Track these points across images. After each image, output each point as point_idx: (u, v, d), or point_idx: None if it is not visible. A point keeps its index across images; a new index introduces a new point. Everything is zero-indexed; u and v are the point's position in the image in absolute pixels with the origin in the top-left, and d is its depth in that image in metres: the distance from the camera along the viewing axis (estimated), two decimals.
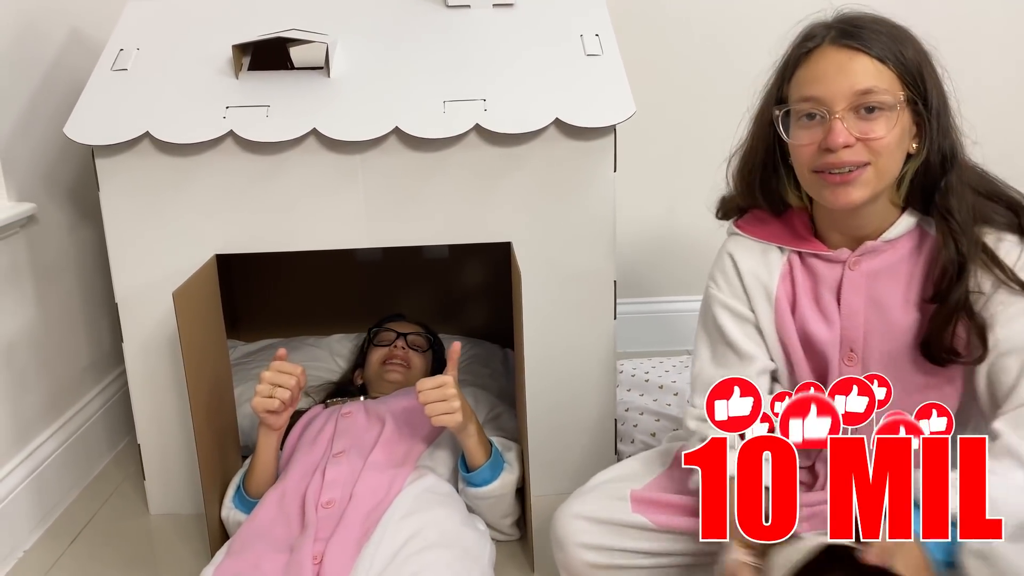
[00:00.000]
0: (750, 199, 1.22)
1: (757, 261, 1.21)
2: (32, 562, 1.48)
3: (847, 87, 1.04)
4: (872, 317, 1.14)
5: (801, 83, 1.08)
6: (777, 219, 1.21)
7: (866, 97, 1.04)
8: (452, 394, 1.31)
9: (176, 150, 1.44)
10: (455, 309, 2.11)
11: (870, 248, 1.13)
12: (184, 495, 1.61)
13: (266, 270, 2.06)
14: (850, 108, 1.05)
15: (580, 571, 1.20)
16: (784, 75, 1.12)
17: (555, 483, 1.56)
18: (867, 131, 1.04)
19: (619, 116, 1.43)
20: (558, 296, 1.52)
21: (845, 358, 1.15)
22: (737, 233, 1.24)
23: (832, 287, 1.16)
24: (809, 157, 1.08)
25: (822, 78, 1.05)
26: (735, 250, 1.23)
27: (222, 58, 1.53)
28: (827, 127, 1.05)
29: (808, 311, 1.17)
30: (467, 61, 1.53)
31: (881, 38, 1.05)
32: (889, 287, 1.13)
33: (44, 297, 1.63)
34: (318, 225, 1.49)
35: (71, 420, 1.71)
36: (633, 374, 1.96)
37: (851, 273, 1.14)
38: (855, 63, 1.04)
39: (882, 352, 1.14)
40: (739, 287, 1.21)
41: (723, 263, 1.24)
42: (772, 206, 1.20)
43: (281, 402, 1.34)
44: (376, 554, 1.19)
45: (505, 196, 1.48)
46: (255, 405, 1.35)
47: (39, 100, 1.64)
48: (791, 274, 1.19)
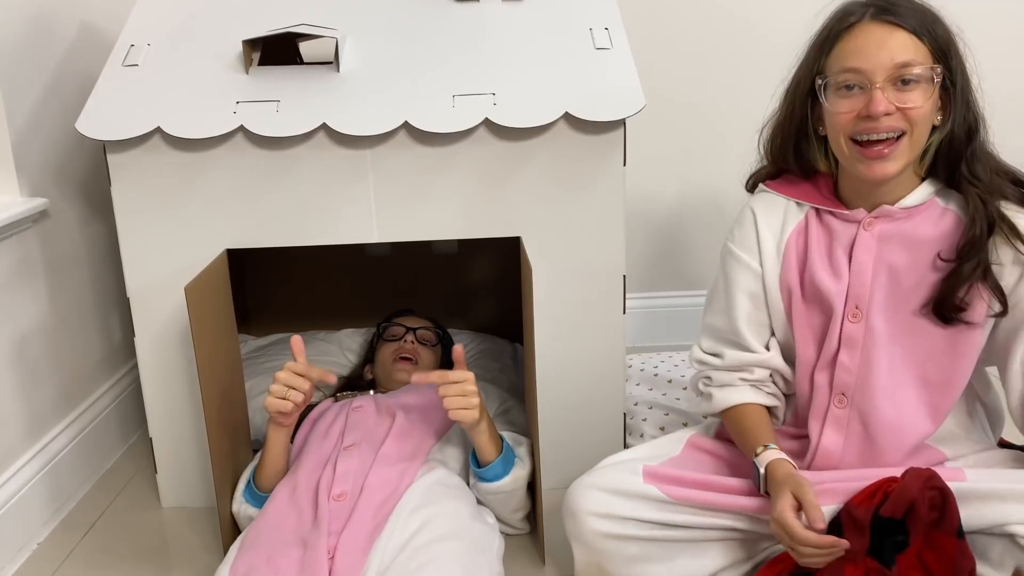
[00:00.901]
0: (783, 164, 1.29)
1: (775, 215, 1.28)
2: (46, 554, 1.50)
3: (887, 59, 1.11)
4: (881, 277, 1.19)
5: (843, 55, 1.15)
6: (803, 180, 1.28)
7: (905, 69, 1.11)
8: (472, 390, 1.32)
9: (187, 145, 1.44)
10: (464, 304, 2.12)
11: (886, 212, 1.19)
12: (196, 488, 1.62)
13: (276, 265, 2.06)
14: (889, 79, 1.11)
15: (591, 541, 1.22)
16: (824, 49, 1.17)
17: (565, 477, 1.56)
18: (905, 101, 1.11)
19: (629, 110, 1.43)
20: (568, 291, 1.52)
21: (850, 314, 1.20)
22: (764, 190, 1.31)
23: (846, 245, 1.22)
24: (848, 124, 1.15)
25: (864, 51, 1.12)
26: (756, 204, 1.30)
27: (232, 53, 1.54)
28: (868, 96, 1.12)
29: (818, 264, 1.23)
30: (476, 55, 1.53)
31: (916, 14, 1.13)
32: (901, 251, 1.19)
33: (56, 291, 1.64)
34: (328, 220, 1.50)
35: (84, 414, 1.72)
36: (642, 369, 1.96)
37: (864, 233, 1.20)
38: (894, 37, 1.11)
39: (886, 314, 1.19)
40: (753, 238, 1.28)
41: (743, 216, 1.31)
42: (802, 169, 1.27)
43: (295, 404, 1.34)
44: (387, 547, 1.20)
45: (515, 190, 1.48)
46: (268, 405, 1.35)
47: (51, 95, 1.65)
48: (807, 229, 1.26)
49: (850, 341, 1.20)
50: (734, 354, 1.29)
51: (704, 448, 1.32)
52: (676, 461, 1.28)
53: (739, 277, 1.29)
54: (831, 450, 1.22)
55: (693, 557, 1.20)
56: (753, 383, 1.29)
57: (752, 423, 1.25)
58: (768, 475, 1.16)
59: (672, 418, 1.73)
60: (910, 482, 1.09)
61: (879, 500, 1.10)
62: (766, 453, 1.18)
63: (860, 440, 1.21)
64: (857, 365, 1.20)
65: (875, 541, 1.09)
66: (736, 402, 1.28)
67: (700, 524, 1.19)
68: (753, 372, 1.28)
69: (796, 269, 1.25)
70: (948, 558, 1.07)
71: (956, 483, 1.11)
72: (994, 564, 1.10)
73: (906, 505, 1.08)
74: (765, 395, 1.29)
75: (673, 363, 1.97)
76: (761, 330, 1.29)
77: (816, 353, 1.23)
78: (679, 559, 1.20)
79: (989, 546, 1.11)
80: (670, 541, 1.20)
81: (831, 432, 1.22)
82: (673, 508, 1.19)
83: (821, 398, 1.22)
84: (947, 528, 1.08)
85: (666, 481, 1.22)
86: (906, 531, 1.09)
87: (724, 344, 1.31)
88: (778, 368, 1.28)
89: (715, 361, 1.31)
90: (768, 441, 1.21)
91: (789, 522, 1.07)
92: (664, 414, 1.75)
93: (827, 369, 1.22)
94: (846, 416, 1.21)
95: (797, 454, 1.26)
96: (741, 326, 1.28)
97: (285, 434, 1.40)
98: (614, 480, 1.23)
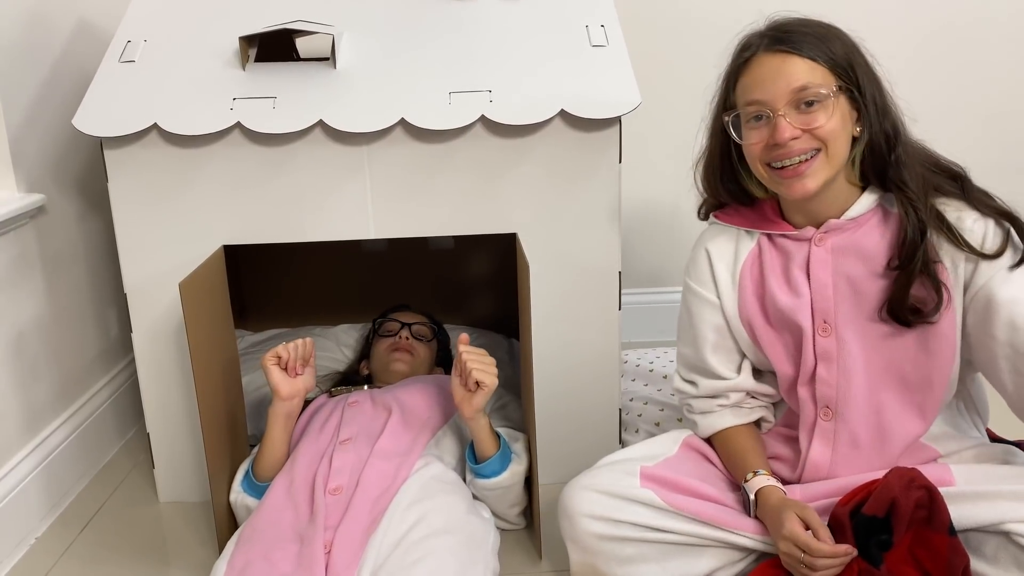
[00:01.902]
0: (717, 198, 1.32)
1: (727, 247, 1.30)
2: (44, 548, 1.50)
3: (784, 87, 1.14)
4: (842, 289, 1.21)
5: (744, 89, 1.18)
6: (749, 208, 1.30)
7: (802, 93, 1.13)
8: (492, 360, 1.35)
9: (184, 141, 1.45)
10: (460, 299, 2.12)
11: (834, 226, 1.21)
12: (193, 483, 1.62)
13: (273, 261, 2.07)
14: (790, 104, 1.14)
15: (586, 542, 1.22)
16: (729, 84, 1.22)
17: (561, 471, 1.57)
18: (808, 122, 1.14)
19: (624, 107, 1.43)
20: (564, 287, 1.53)
21: (820, 329, 1.22)
22: (715, 222, 1.34)
23: (801, 264, 1.23)
24: (761, 153, 1.18)
25: (761, 82, 1.15)
26: (708, 240, 1.33)
27: (229, 50, 1.54)
28: (772, 125, 1.15)
29: (776, 287, 1.25)
30: (473, 52, 1.54)
31: (809, 39, 1.15)
32: (855, 261, 1.20)
33: (53, 287, 1.65)
34: (325, 216, 1.50)
35: (81, 409, 1.73)
36: (637, 364, 1.97)
37: (817, 249, 1.22)
38: (788, 65, 1.14)
39: (855, 323, 1.21)
40: (707, 273, 1.31)
41: (696, 251, 1.34)
42: (739, 200, 1.30)
43: (287, 353, 1.40)
44: (383, 542, 1.20)
45: (511, 187, 1.49)
46: (264, 357, 1.40)
47: (47, 91, 1.65)
48: (760, 256, 1.28)
49: (825, 355, 1.21)
50: (707, 383, 1.31)
51: (699, 449, 1.33)
52: (672, 462, 1.28)
53: (700, 311, 1.31)
54: (819, 463, 1.24)
55: (688, 558, 1.20)
56: (731, 406, 1.31)
57: (738, 447, 1.27)
58: (759, 502, 1.19)
59: (667, 413, 1.74)
60: (892, 481, 1.10)
61: (860, 498, 1.12)
62: (755, 479, 1.21)
63: (848, 450, 1.22)
64: (836, 378, 1.21)
65: (860, 541, 1.10)
66: (720, 427, 1.30)
67: (696, 533, 1.20)
68: (729, 397, 1.31)
69: (754, 295, 1.27)
70: (941, 556, 1.08)
71: (946, 488, 1.13)
72: (988, 559, 1.11)
73: (888, 503, 1.09)
74: (747, 412, 1.31)
75: (668, 359, 1.97)
76: (730, 355, 1.31)
77: (794, 370, 1.25)
78: (674, 560, 1.20)
79: (983, 542, 1.12)
80: (665, 543, 1.20)
81: (819, 445, 1.23)
82: (670, 516, 1.20)
83: (808, 412, 1.24)
84: (938, 526, 1.09)
85: (664, 486, 1.22)
86: (890, 529, 1.10)
87: (696, 373, 1.33)
88: (751, 389, 1.31)
89: (691, 390, 1.34)
90: (757, 467, 1.23)
91: (803, 537, 1.09)
92: (659, 410, 1.76)
93: (808, 385, 1.23)
94: (832, 428, 1.22)
95: (789, 461, 1.28)
96: (707, 356, 1.30)
97: (283, 421, 1.41)
98: (610, 482, 1.23)
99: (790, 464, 1.28)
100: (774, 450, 1.31)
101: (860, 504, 1.11)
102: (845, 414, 1.21)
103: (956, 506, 1.11)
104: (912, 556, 1.11)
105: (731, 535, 1.19)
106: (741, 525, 1.19)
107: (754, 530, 1.19)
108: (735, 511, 1.22)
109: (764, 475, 1.21)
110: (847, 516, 1.11)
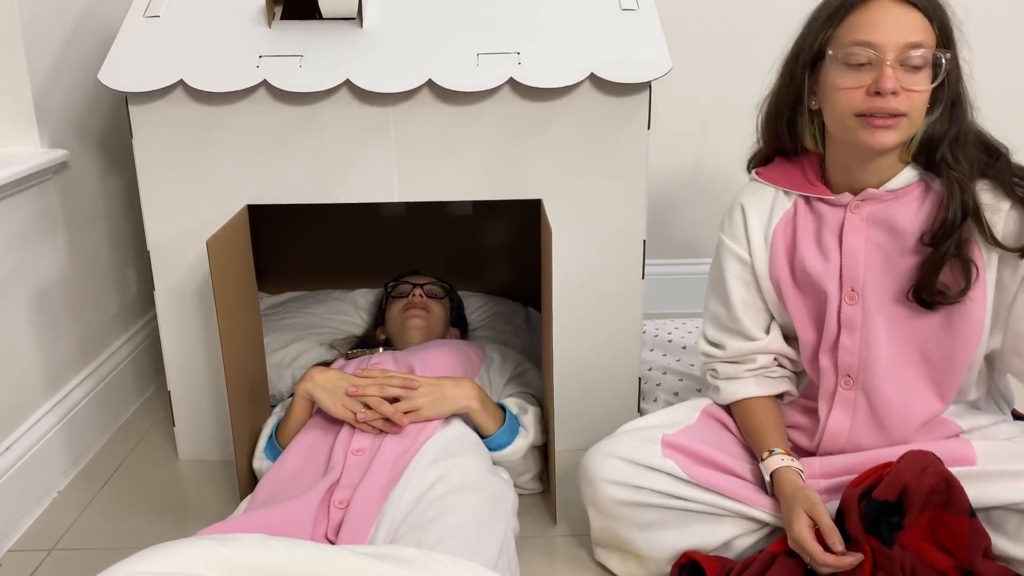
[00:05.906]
0: (775, 138, 1.29)
1: (763, 206, 1.29)
2: (66, 502, 1.52)
3: (901, 38, 1.10)
4: (873, 259, 1.20)
5: (855, 28, 1.13)
6: (792, 165, 1.28)
7: (914, 50, 1.10)
8: (416, 405, 1.34)
9: (209, 99, 1.44)
10: (477, 266, 2.12)
11: (871, 195, 1.20)
12: (212, 441, 1.63)
13: (291, 222, 2.06)
14: (898, 59, 1.10)
15: (607, 507, 1.24)
16: (834, 19, 1.16)
17: (578, 439, 1.57)
18: (910, 83, 1.11)
19: (655, 72, 1.42)
20: (587, 254, 1.52)
21: (846, 297, 1.21)
22: (754, 179, 1.32)
23: (835, 229, 1.22)
24: (854, 100, 1.13)
25: (879, 26, 1.11)
26: (745, 195, 1.32)
27: (254, 6, 1.52)
28: (878, 72, 1.10)
29: (807, 249, 1.24)
30: (501, 14, 1.52)
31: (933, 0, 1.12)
32: (889, 233, 1.19)
33: (75, 243, 1.65)
34: (349, 178, 1.49)
35: (101, 366, 1.73)
36: (656, 334, 1.97)
37: (852, 216, 1.21)
38: (910, 16, 1.11)
39: (882, 294, 1.20)
40: (741, 229, 1.30)
41: (733, 207, 1.33)
42: (793, 144, 1.26)
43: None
44: (403, 498, 1.20)
45: (537, 152, 1.48)
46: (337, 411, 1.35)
47: (71, 47, 1.64)
48: (795, 217, 1.27)
49: (849, 323, 1.21)
50: (736, 344, 1.30)
51: (718, 418, 1.33)
52: (692, 430, 1.29)
53: (731, 266, 1.30)
54: (838, 431, 1.24)
55: (707, 526, 1.22)
56: (758, 372, 1.30)
57: (758, 422, 1.27)
58: (775, 483, 1.19)
59: (686, 383, 1.74)
60: (904, 466, 1.10)
61: (872, 482, 1.11)
62: (771, 459, 1.21)
63: (867, 420, 1.22)
64: (858, 346, 1.21)
65: (869, 523, 1.10)
66: (743, 396, 1.30)
67: (716, 504, 1.21)
68: (756, 360, 1.30)
69: (785, 256, 1.26)
70: (962, 538, 1.09)
71: (968, 467, 1.13)
72: (1011, 536, 1.11)
73: (899, 489, 1.09)
74: (772, 382, 1.31)
75: (687, 329, 1.97)
76: (759, 315, 1.31)
77: (817, 336, 1.25)
78: (693, 526, 1.22)
79: (1005, 519, 1.12)
80: (685, 511, 1.21)
81: (838, 413, 1.23)
82: (691, 486, 1.21)
83: (828, 380, 1.24)
84: (956, 510, 1.09)
85: (686, 455, 1.23)
86: (902, 512, 1.10)
87: (725, 333, 1.32)
88: (780, 351, 1.30)
89: (719, 353, 1.33)
90: (774, 444, 1.23)
91: (808, 545, 1.10)
92: (678, 379, 1.76)
93: (830, 352, 1.23)
94: (852, 397, 1.22)
95: (807, 430, 1.28)
96: (739, 313, 1.30)
97: (311, 404, 1.41)
98: (632, 449, 1.24)
99: (808, 433, 1.28)
100: (793, 419, 1.30)
101: (871, 488, 1.11)
102: (866, 384, 1.21)
103: (978, 485, 1.12)
104: (931, 533, 1.11)
105: (750, 509, 1.20)
106: (760, 502, 1.20)
107: (772, 507, 1.19)
108: (753, 486, 1.23)
109: (780, 454, 1.21)
110: (856, 499, 1.11)
